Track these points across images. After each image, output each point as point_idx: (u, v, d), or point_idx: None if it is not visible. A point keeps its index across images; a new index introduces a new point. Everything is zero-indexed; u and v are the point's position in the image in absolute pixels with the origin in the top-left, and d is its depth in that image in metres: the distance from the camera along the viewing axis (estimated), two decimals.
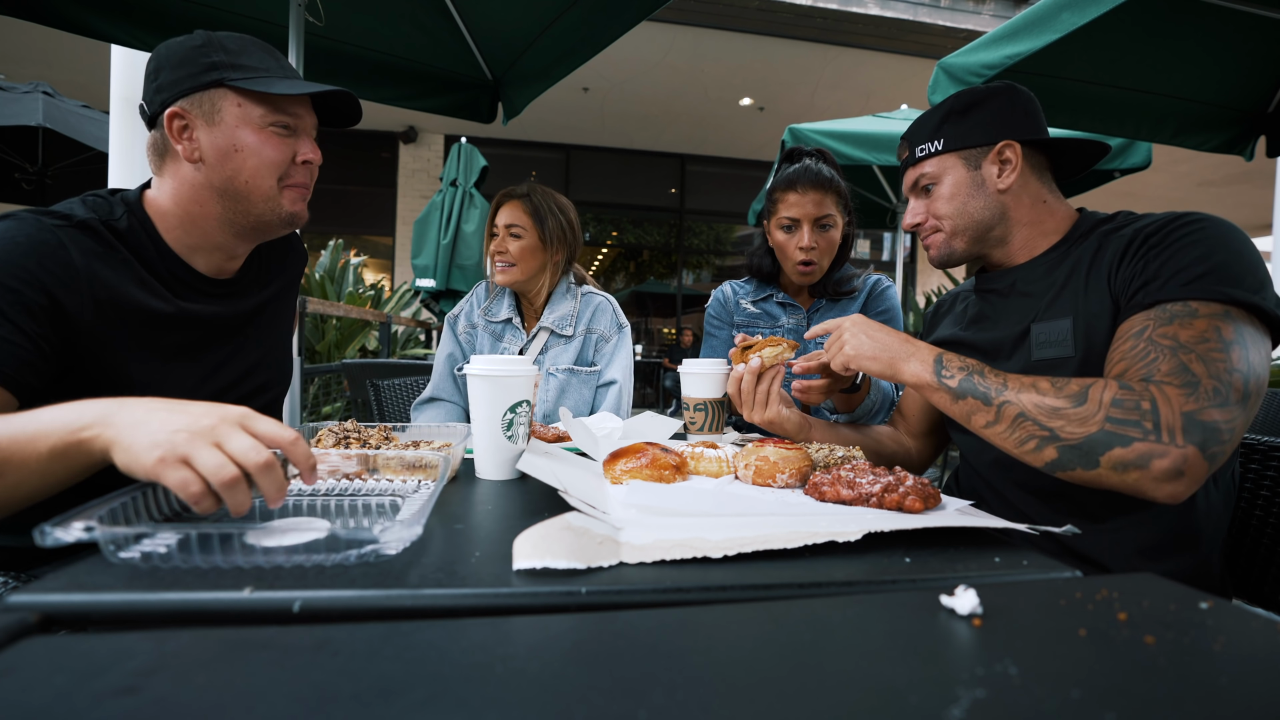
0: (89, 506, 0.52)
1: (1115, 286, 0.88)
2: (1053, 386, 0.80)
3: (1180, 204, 10.45)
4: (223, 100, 0.91)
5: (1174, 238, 0.83)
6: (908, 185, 1.10)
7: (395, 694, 0.31)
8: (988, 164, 1.01)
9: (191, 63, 0.90)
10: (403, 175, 8.73)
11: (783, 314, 1.65)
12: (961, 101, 1.03)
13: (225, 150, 0.91)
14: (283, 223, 0.99)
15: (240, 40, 0.95)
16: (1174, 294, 0.79)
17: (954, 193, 1.03)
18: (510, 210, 1.62)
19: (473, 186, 4.52)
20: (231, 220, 0.95)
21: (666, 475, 0.86)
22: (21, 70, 6.66)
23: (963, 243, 1.05)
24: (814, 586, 0.51)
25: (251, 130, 0.92)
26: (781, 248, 1.55)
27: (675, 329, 9.91)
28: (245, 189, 0.93)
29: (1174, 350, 0.76)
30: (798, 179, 1.49)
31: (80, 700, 0.30)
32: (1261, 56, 2.34)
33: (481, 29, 2.30)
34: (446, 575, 0.50)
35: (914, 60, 6.45)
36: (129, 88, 2.34)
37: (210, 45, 0.92)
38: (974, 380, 0.85)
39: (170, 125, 0.90)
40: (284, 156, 0.95)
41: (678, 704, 0.31)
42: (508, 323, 1.67)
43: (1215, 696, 0.32)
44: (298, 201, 0.99)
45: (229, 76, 0.90)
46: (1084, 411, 0.76)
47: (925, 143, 1.05)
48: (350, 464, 0.79)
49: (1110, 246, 0.91)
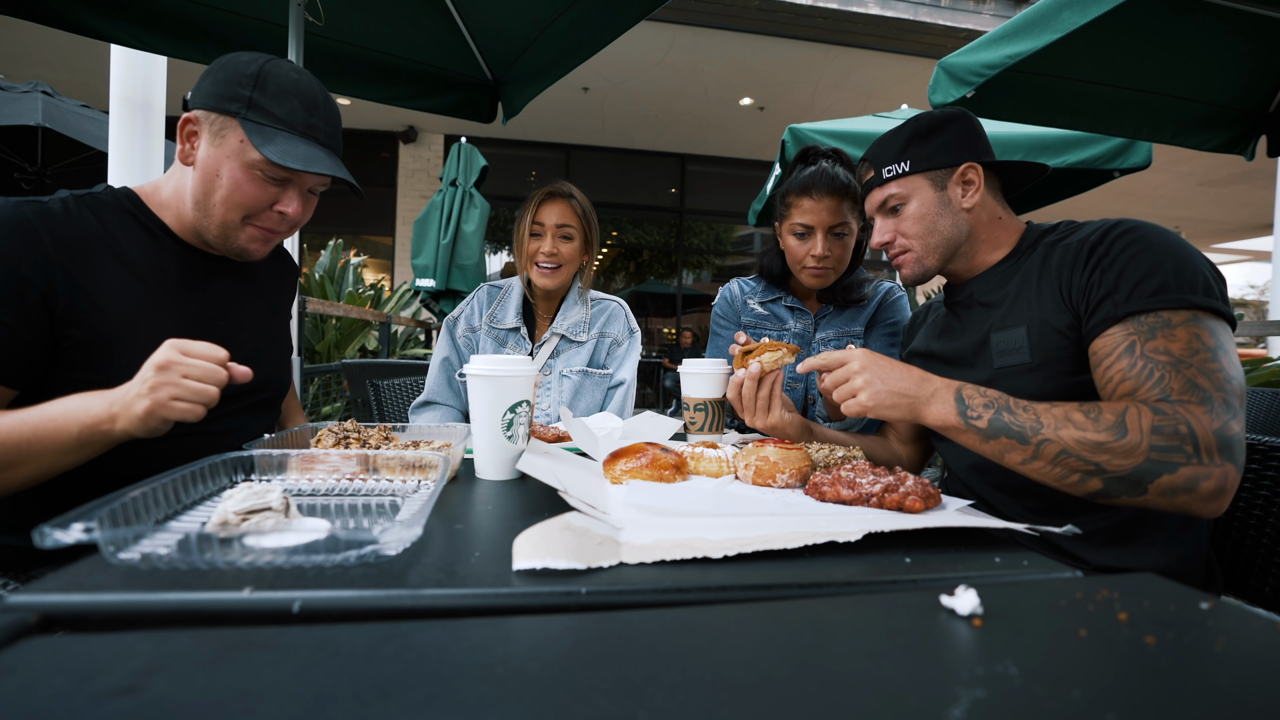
0: (88, 508, 0.52)
1: (1071, 295, 0.92)
2: (1088, 419, 0.79)
3: (1181, 203, 10.46)
4: (231, 131, 0.95)
5: (1119, 248, 0.88)
6: (874, 206, 1.13)
7: (395, 694, 0.31)
8: (952, 185, 1.06)
9: (230, 84, 0.94)
10: (403, 175, 8.73)
11: (790, 318, 1.62)
12: (922, 125, 1.08)
13: (211, 171, 0.96)
14: (232, 254, 1.03)
15: (287, 84, 0.97)
16: (1141, 305, 0.84)
17: (923, 213, 1.07)
18: (560, 210, 1.56)
19: (473, 186, 4.52)
20: (196, 222, 1.00)
21: (666, 475, 0.86)
22: (21, 70, 6.66)
23: (935, 260, 1.09)
24: (814, 586, 0.51)
25: (240, 168, 0.95)
26: (793, 253, 1.49)
27: (675, 329, 9.91)
28: (211, 210, 0.98)
29: (1174, 366, 0.80)
30: (813, 184, 1.42)
31: (80, 700, 0.30)
32: (1262, 56, 2.34)
33: (481, 29, 2.30)
34: (446, 575, 0.50)
35: (914, 60, 6.45)
36: (129, 88, 2.34)
37: (257, 78, 0.95)
38: (1004, 418, 0.83)
39: (183, 126, 0.96)
40: (259, 200, 0.98)
41: (678, 704, 0.31)
42: (514, 331, 1.63)
43: (1215, 696, 0.32)
44: (255, 241, 1.02)
45: (246, 114, 0.94)
46: (1127, 443, 0.76)
47: (892, 164, 1.08)
48: (350, 464, 0.79)
49: (1055, 256, 0.96)
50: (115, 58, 2.33)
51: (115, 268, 0.93)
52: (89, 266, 0.90)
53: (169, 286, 0.99)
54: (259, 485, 0.61)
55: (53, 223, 0.88)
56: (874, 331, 1.58)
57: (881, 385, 0.90)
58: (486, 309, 1.67)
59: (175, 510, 0.64)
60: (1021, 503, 0.98)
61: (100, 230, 0.93)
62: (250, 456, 0.77)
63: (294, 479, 0.78)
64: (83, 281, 0.89)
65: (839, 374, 0.95)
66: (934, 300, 1.28)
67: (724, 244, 10.31)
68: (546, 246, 1.55)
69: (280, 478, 0.78)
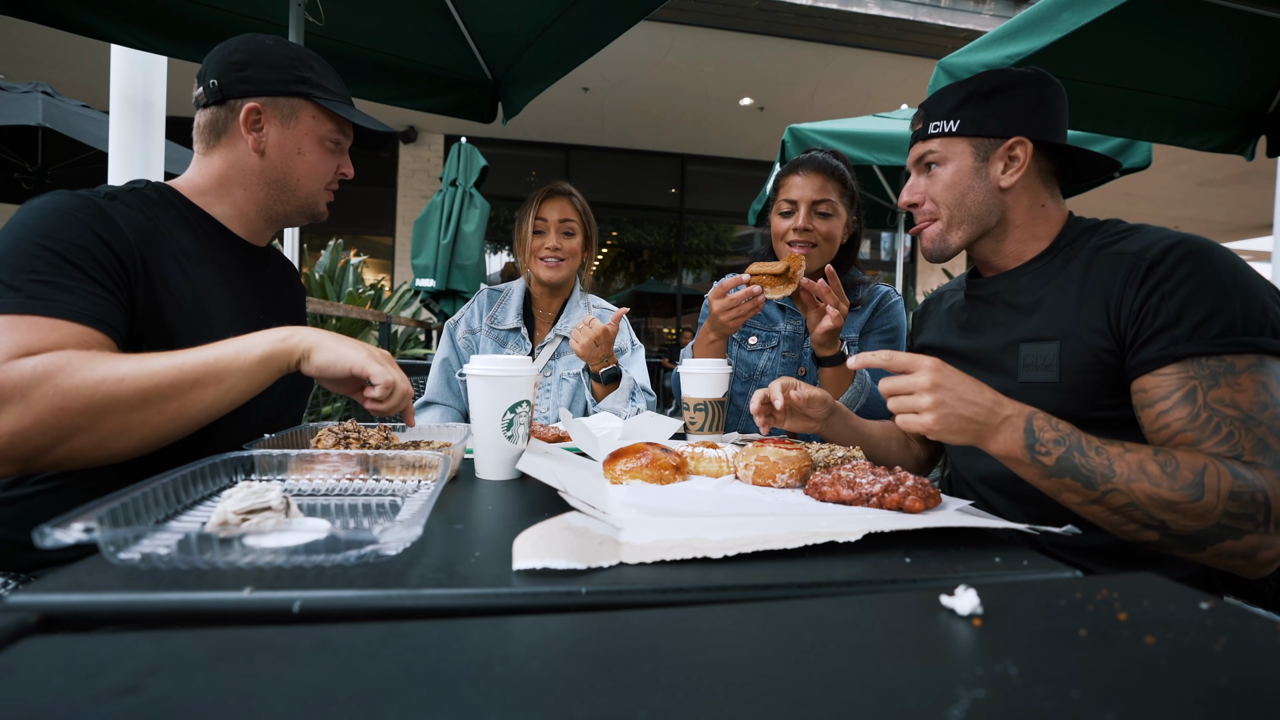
0: (89, 508, 0.52)
1: (1119, 317, 0.85)
2: (1164, 473, 0.74)
3: (1181, 203, 10.44)
4: (303, 110, 1.05)
5: (1183, 273, 0.81)
6: (913, 158, 1.05)
7: (395, 694, 0.31)
8: (995, 158, 0.97)
9: (285, 70, 1.03)
10: (403, 175, 8.72)
11: (780, 318, 1.61)
12: (988, 84, 0.97)
13: (291, 150, 1.05)
14: (312, 218, 1.14)
15: (322, 63, 1.09)
16: (1205, 348, 0.78)
17: (955, 180, 0.99)
18: (562, 206, 1.61)
19: (473, 186, 4.51)
20: (269, 205, 1.08)
21: (666, 475, 0.86)
22: (21, 70, 6.65)
23: (959, 237, 1.01)
24: (814, 586, 0.51)
25: (315, 141, 1.07)
26: (777, 230, 1.50)
27: (675, 329, 9.91)
28: (295, 185, 1.08)
29: (1244, 423, 0.75)
30: (801, 164, 1.48)
31: (80, 700, 0.30)
32: (1262, 56, 2.34)
33: (481, 29, 2.30)
34: (446, 575, 0.50)
35: (914, 60, 6.45)
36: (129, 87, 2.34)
37: (302, 60, 1.05)
38: (1074, 459, 0.76)
39: (247, 116, 1.01)
40: (332, 168, 1.11)
41: (678, 704, 0.31)
42: (514, 331, 1.65)
43: (1215, 696, 0.32)
44: (327, 204, 1.15)
45: (314, 93, 1.04)
46: (1201, 507, 0.72)
47: (940, 120, 0.99)
48: (350, 464, 0.79)
49: (1102, 266, 0.88)
50: (115, 58, 2.32)
51: (172, 258, 0.95)
52: (155, 253, 0.93)
53: (220, 277, 1.02)
54: (258, 485, 0.61)
55: (120, 208, 0.91)
56: (869, 337, 1.56)
57: (951, 410, 0.79)
58: (486, 311, 1.69)
59: (175, 510, 0.64)
60: (1025, 509, 0.96)
61: (155, 223, 0.95)
62: (250, 456, 0.77)
63: (294, 479, 0.78)
64: (152, 266, 0.92)
65: (902, 384, 0.82)
66: (946, 288, 1.21)
67: (724, 244, 10.30)
68: (550, 241, 1.59)
69: (280, 478, 0.78)
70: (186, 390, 0.77)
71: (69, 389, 0.71)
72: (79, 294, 0.80)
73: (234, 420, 0.93)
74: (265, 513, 0.58)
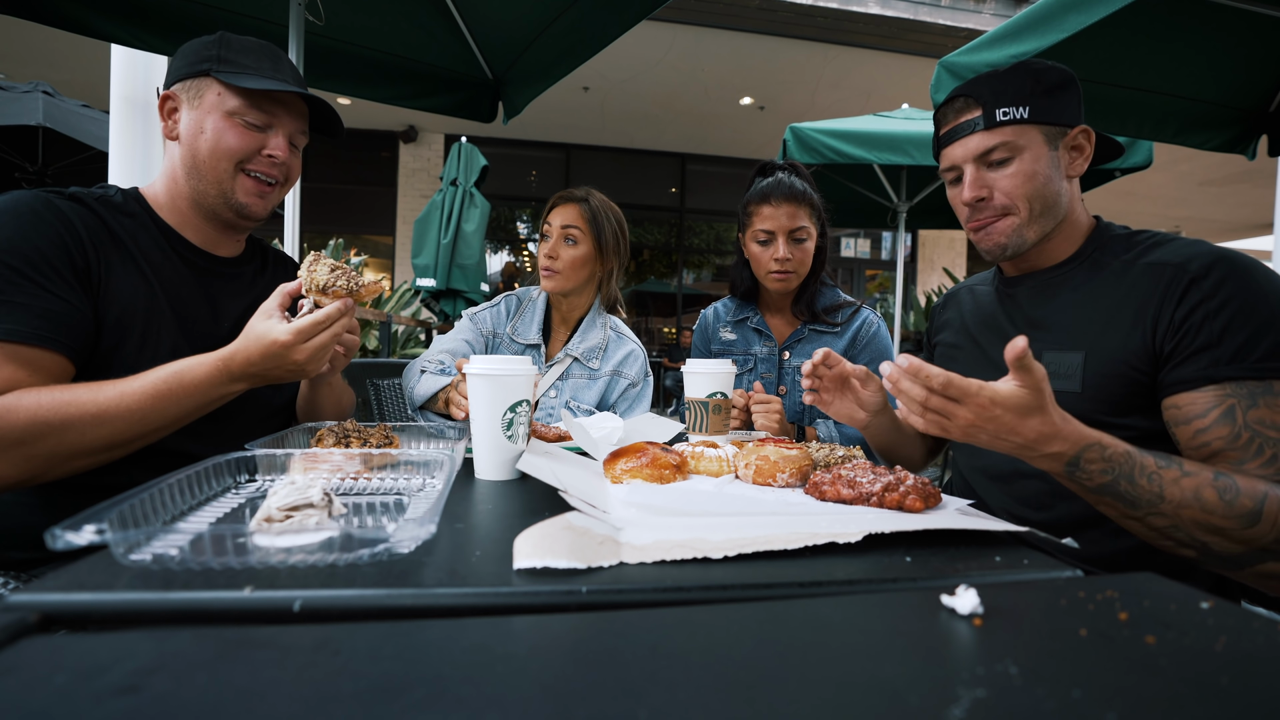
0: (98, 509, 0.52)
1: (1157, 330, 0.82)
2: (1221, 501, 0.71)
3: (1181, 203, 10.43)
4: (207, 88, 1.00)
5: (1228, 292, 0.79)
6: (972, 151, 0.94)
7: (396, 693, 0.31)
8: (1063, 148, 0.92)
9: (195, 54, 1.01)
10: (403, 175, 8.72)
11: (756, 342, 1.61)
12: (1046, 74, 0.91)
13: (195, 130, 1.00)
14: (233, 210, 1.04)
15: (248, 43, 1.03)
16: (1247, 372, 0.76)
17: (1035, 170, 0.90)
18: (568, 212, 1.53)
19: (473, 186, 4.52)
20: (196, 200, 1.03)
21: (667, 475, 0.86)
22: (21, 70, 6.66)
23: (1035, 231, 0.93)
24: (814, 586, 0.51)
25: (220, 117, 1.00)
26: (757, 260, 1.53)
27: (675, 328, 9.91)
28: (203, 169, 1.01)
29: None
30: (771, 192, 1.48)
31: (80, 700, 0.30)
32: (1263, 56, 2.34)
33: (482, 28, 2.30)
34: (447, 575, 0.50)
35: (914, 59, 6.45)
36: (129, 87, 2.34)
37: (218, 42, 1.01)
38: (1120, 486, 0.73)
39: (162, 105, 1.01)
40: (246, 146, 1.01)
41: (678, 704, 0.31)
42: (534, 347, 1.57)
43: (1215, 696, 0.32)
44: (251, 194, 1.04)
45: (216, 68, 0.99)
46: (1253, 534, 0.71)
47: (1010, 105, 0.90)
48: (353, 463, 0.80)
49: (1139, 278, 0.86)
50: (115, 58, 2.32)
51: (128, 262, 0.95)
52: (109, 255, 0.93)
53: (174, 285, 1.01)
54: (301, 481, 0.60)
55: (77, 209, 0.92)
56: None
57: (985, 441, 0.74)
58: (509, 319, 1.62)
59: (182, 510, 0.64)
60: (1034, 514, 0.95)
61: (114, 226, 0.96)
62: (253, 457, 0.77)
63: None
64: (105, 268, 0.92)
65: (940, 405, 0.73)
66: (972, 281, 1.17)
67: (724, 243, 10.30)
68: (548, 248, 1.53)
69: (280, 477, 0.78)
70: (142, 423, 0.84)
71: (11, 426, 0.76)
72: (33, 310, 0.82)
73: (221, 423, 0.95)
74: (308, 509, 0.58)
